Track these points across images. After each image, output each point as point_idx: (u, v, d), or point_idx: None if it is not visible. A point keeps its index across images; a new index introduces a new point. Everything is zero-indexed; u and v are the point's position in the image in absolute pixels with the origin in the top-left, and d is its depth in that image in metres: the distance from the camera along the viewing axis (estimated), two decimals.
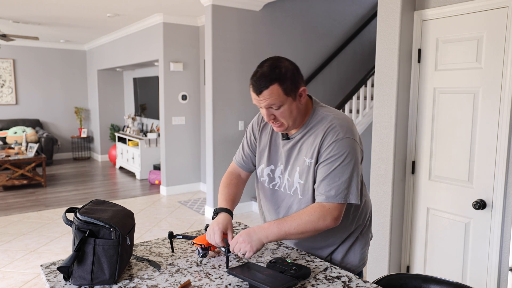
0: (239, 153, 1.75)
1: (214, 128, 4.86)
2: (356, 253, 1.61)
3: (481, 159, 2.29)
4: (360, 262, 1.62)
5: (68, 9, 5.25)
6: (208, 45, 4.74)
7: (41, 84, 8.74)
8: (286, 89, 1.39)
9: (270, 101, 1.39)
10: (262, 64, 1.43)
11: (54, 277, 1.34)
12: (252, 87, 1.42)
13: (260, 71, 1.40)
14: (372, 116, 3.08)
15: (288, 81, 1.39)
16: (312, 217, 1.39)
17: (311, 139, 1.48)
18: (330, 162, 1.42)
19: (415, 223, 2.67)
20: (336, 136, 1.42)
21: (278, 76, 1.38)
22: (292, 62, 1.45)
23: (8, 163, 6.27)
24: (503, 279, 2.26)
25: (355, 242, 1.60)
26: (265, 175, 1.63)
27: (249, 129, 1.72)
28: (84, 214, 1.29)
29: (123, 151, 7.74)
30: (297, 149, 1.52)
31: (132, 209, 5.18)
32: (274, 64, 1.40)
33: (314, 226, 1.39)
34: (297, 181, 1.52)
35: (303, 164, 1.49)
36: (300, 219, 1.39)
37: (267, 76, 1.38)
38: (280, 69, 1.39)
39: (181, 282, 1.31)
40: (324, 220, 1.39)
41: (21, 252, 3.91)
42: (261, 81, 1.38)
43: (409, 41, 2.56)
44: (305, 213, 1.41)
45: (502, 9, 2.16)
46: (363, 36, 6.10)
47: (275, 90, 1.38)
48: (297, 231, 1.39)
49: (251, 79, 1.42)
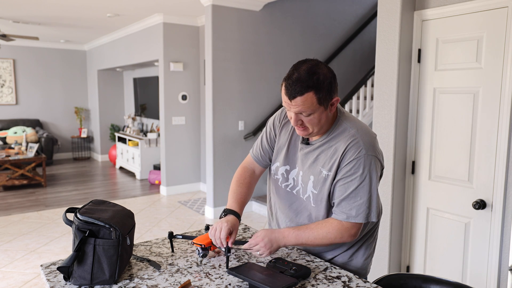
0: (257, 147, 1.69)
1: (214, 128, 4.86)
2: (358, 260, 1.58)
3: (481, 159, 2.29)
4: (362, 270, 1.60)
5: (68, 9, 5.25)
6: (208, 45, 4.74)
7: (41, 84, 8.74)
8: (320, 98, 1.33)
9: (302, 109, 1.34)
10: (298, 67, 1.35)
11: (54, 277, 1.34)
12: (285, 90, 1.34)
13: (296, 74, 1.32)
14: (372, 116, 3.08)
15: (324, 90, 1.32)
16: (330, 234, 1.41)
17: (331, 151, 1.44)
18: (350, 180, 1.40)
19: (415, 223, 2.67)
20: (358, 153, 1.39)
21: (315, 84, 1.31)
22: (330, 69, 1.38)
23: (8, 163, 6.27)
24: (503, 279, 2.26)
25: (358, 250, 1.58)
26: (279, 173, 1.60)
27: (269, 124, 1.66)
28: (84, 214, 1.29)
29: (123, 151, 7.74)
30: (314, 157, 1.48)
31: (132, 209, 5.18)
32: (313, 70, 1.32)
33: (331, 242, 1.43)
34: (311, 190, 1.49)
35: (319, 175, 1.46)
36: (318, 233, 1.42)
37: (303, 81, 1.30)
38: (318, 76, 1.31)
39: (181, 282, 1.31)
40: (342, 237, 1.42)
41: (21, 252, 3.91)
42: (296, 86, 1.31)
43: (409, 41, 2.56)
44: (323, 228, 1.42)
45: (502, 9, 2.16)
46: (363, 36, 6.10)
47: (309, 98, 1.32)
48: (313, 243, 1.43)
49: (286, 80, 1.34)
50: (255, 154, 1.69)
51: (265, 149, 1.67)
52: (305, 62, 1.37)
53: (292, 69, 1.36)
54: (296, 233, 1.43)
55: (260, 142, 1.69)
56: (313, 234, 1.42)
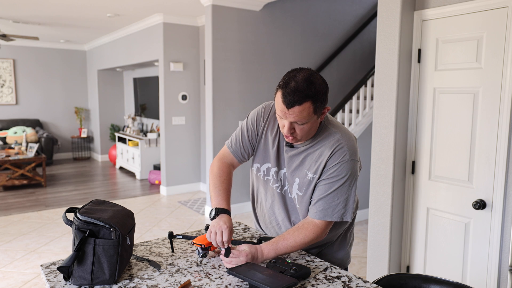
0: (236, 142, 1.66)
1: (214, 128, 4.86)
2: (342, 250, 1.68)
3: (481, 159, 2.29)
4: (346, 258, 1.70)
5: (68, 9, 5.25)
6: (208, 45, 4.74)
7: (41, 84, 8.74)
8: (316, 108, 1.35)
9: (298, 118, 1.35)
10: (294, 75, 1.35)
11: (54, 277, 1.34)
12: (282, 98, 1.33)
13: (293, 83, 1.32)
14: (372, 116, 3.08)
15: (319, 100, 1.35)
16: (307, 238, 1.46)
17: (317, 154, 1.47)
18: (331, 182, 1.45)
19: (415, 223, 2.67)
20: (342, 157, 1.44)
21: (313, 94, 1.32)
22: (323, 78, 1.40)
23: (8, 163, 6.27)
24: (503, 279, 2.26)
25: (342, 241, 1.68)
26: (270, 175, 1.61)
27: (250, 121, 1.64)
28: (84, 214, 1.29)
29: (123, 151, 7.74)
30: (299, 160, 1.51)
31: (132, 209, 5.18)
32: (310, 79, 1.33)
33: (309, 243, 1.48)
34: (296, 192, 1.54)
35: (304, 177, 1.50)
36: (296, 240, 1.45)
37: (302, 91, 1.31)
38: (315, 86, 1.33)
39: (181, 282, 1.31)
40: (317, 237, 1.48)
41: (21, 252, 3.91)
42: (295, 96, 1.31)
43: (409, 41, 2.56)
44: (300, 234, 1.46)
45: (502, 9, 2.16)
46: (363, 36, 6.10)
47: (306, 108, 1.33)
48: (293, 249, 1.47)
49: (283, 89, 1.33)
50: (235, 150, 1.66)
51: (246, 146, 1.65)
52: (300, 70, 1.37)
53: (288, 77, 1.35)
54: (274, 246, 1.44)
55: (241, 138, 1.65)
56: (291, 242, 1.45)
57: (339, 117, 4.89)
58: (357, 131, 4.83)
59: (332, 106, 5.75)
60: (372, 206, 2.74)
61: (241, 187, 5.10)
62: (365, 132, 4.91)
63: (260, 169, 1.64)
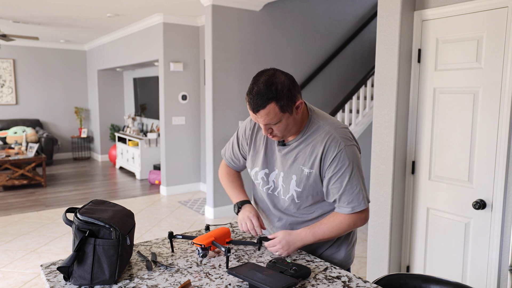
0: (230, 154, 1.76)
1: (214, 128, 4.86)
2: (343, 251, 1.67)
3: (481, 159, 2.29)
4: (348, 259, 1.69)
5: (68, 9, 5.25)
6: (208, 45, 4.74)
7: (41, 84, 8.74)
8: (282, 107, 1.37)
9: (267, 119, 1.39)
10: (257, 80, 1.39)
11: (54, 277, 1.34)
12: (248, 104, 1.40)
13: (255, 88, 1.37)
14: (372, 116, 3.08)
15: (285, 98, 1.37)
16: (343, 224, 1.50)
17: (309, 148, 1.50)
18: (341, 174, 1.46)
19: (415, 223, 2.67)
20: (338, 148, 1.46)
21: (274, 95, 1.35)
22: (288, 75, 1.41)
23: (8, 163, 6.27)
24: (503, 279, 2.26)
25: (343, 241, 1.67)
26: (259, 178, 1.64)
27: (240, 133, 1.71)
28: (84, 214, 1.29)
29: (123, 151, 7.74)
30: (292, 156, 1.53)
31: (132, 209, 5.18)
32: (270, 81, 1.36)
33: (345, 230, 1.52)
34: (294, 189, 1.55)
35: (301, 173, 1.51)
36: (332, 226, 1.50)
37: (263, 94, 1.35)
38: (276, 86, 1.35)
39: (181, 282, 1.31)
40: (355, 224, 1.52)
41: (21, 252, 3.91)
42: (257, 100, 1.35)
43: (409, 41, 2.56)
44: (335, 220, 1.50)
45: (502, 9, 2.16)
46: (363, 36, 6.10)
47: (271, 109, 1.36)
48: (329, 236, 1.52)
49: (247, 95, 1.39)
50: (229, 161, 1.79)
51: (237, 157, 1.75)
52: (262, 73, 1.41)
53: (252, 82, 1.40)
54: (312, 231, 1.51)
55: (232, 150, 1.76)
56: (328, 228, 1.50)
57: (339, 117, 4.89)
58: (357, 131, 4.83)
59: (332, 106, 5.76)
60: (372, 206, 2.74)
61: None
62: (365, 132, 4.91)
63: (251, 173, 1.69)
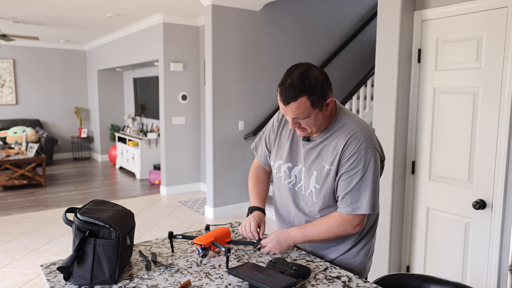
0: (262, 152, 1.76)
1: (214, 128, 4.86)
2: (361, 260, 1.59)
3: (481, 159, 2.29)
4: (364, 269, 1.61)
5: (68, 9, 5.25)
6: (208, 45, 4.74)
7: (41, 84, 8.74)
8: (313, 102, 1.36)
9: (297, 113, 1.38)
10: (291, 72, 1.38)
11: (54, 277, 1.34)
12: (279, 96, 1.38)
13: (289, 80, 1.36)
14: (372, 116, 3.08)
15: (317, 94, 1.36)
16: (332, 228, 1.48)
17: (332, 145, 1.48)
18: (353, 173, 1.44)
19: (415, 223, 2.67)
20: (358, 147, 1.43)
21: (307, 88, 1.34)
22: (322, 71, 1.41)
23: (8, 163, 6.27)
24: (503, 279, 2.26)
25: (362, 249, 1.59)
26: (282, 171, 1.63)
27: (268, 127, 1.72)
28: (84, 214, 1.29)
29: (123, 151, 7.74)
30: (316, 152, 1.52)
31: (132, 209, 5.18)
32: (305, 74, 1.36)
33: (335, 235, 1.50)
34: (313, 185, 1.53)
35: (322, 170, 1.49)
36: (321, 229, 1.49)
37: (296, 87, 1.34)
38: (310, 80, 1.35)
39: (181, 282, 1.31)
40: (344, 230, 1.48)
41: (21, 252, 3.91)
42: (289, 92, 1.35)
43: (409, 41, 2.56)
44: (325, 223, 1.49)
45: (502, 9, 2.16)
46: (363, 36, 6.10)
47: (303, 103, 1.35)
48: (318, 238, 1.51)
49: (280, 86, 1.38)
50: (261, 160, 1.79)
51: (263, 149, 1.76)
52: (297, 66, 1.40)
53: (286, 74, 1.40)
54: (301, 231, 1.52)
55: (259, 141, 1.78)
56: (317, 230, 1.49)
57: None
58: None
59: None
60: None
61: (241, 187, 5.10)
62: None
63: (274, 166, 1.68)
